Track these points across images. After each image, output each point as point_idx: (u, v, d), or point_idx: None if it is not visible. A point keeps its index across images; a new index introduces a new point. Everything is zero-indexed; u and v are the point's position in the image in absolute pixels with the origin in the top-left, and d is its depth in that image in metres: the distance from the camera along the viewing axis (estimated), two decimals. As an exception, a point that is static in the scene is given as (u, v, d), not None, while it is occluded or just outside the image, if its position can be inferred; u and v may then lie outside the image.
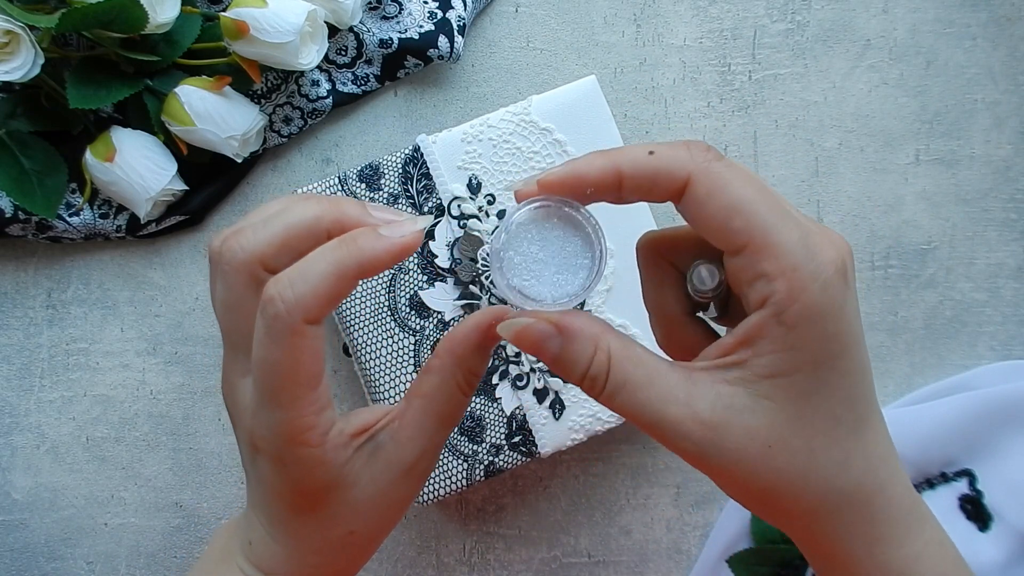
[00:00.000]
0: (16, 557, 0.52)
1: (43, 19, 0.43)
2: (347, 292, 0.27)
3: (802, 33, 0.54)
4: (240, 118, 0.47)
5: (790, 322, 0.25)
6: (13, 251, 0.52)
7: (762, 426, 0.26)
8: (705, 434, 0.26)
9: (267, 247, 0.28)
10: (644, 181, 0.26)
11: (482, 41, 0.54)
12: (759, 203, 0.25)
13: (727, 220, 0.25)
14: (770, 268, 0.25)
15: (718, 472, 0.27)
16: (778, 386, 0.26)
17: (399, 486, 0.31)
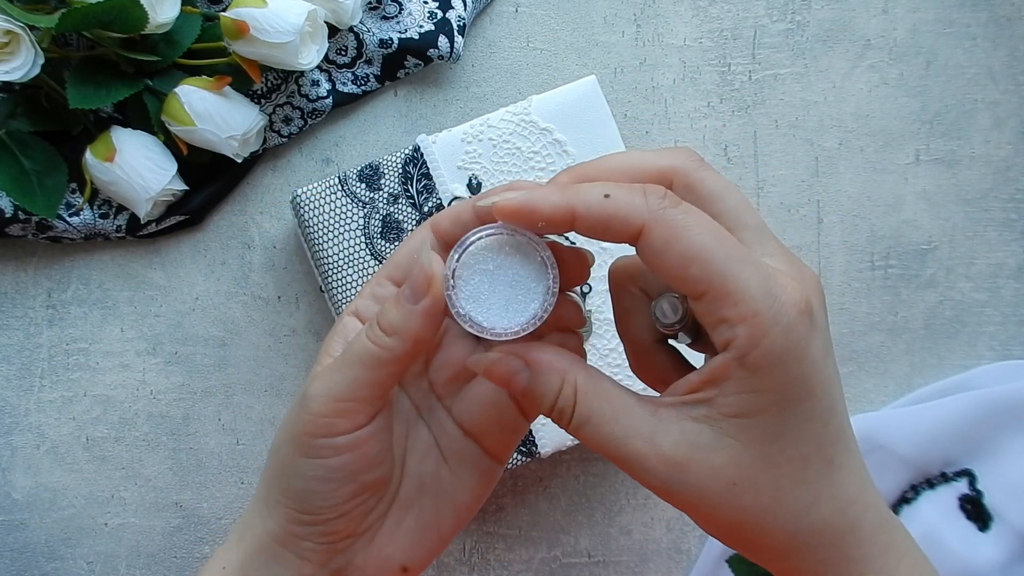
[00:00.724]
0: (16, 557, 0.52)
1: (43, 19, 0.43)
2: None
3: (802, 33, 0.54)
4: (240, 118, 0.47)
5: (752, 366, 0.25)
6: (13, 251, 0.52)
7: (727, 464, 0.26)
8: (668, 470, 0.26)
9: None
10: (598, 224, 0.26)
11: (482, 41, 0.54)
12: (716, 249, 0.25)
13: (684, 268, 0.25)
14: (730, 314, 0.25)
15: (684, 507, 0.27)
16: (743, 426, 0.26)
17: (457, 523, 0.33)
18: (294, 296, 0.53)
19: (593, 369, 0.28)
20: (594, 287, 0.47)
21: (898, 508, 0.51)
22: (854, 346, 0.53)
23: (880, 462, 0.51)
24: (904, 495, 0.51)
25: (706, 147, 0.54)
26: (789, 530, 0.27)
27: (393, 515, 0.32)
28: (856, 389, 0.53)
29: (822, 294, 0.27)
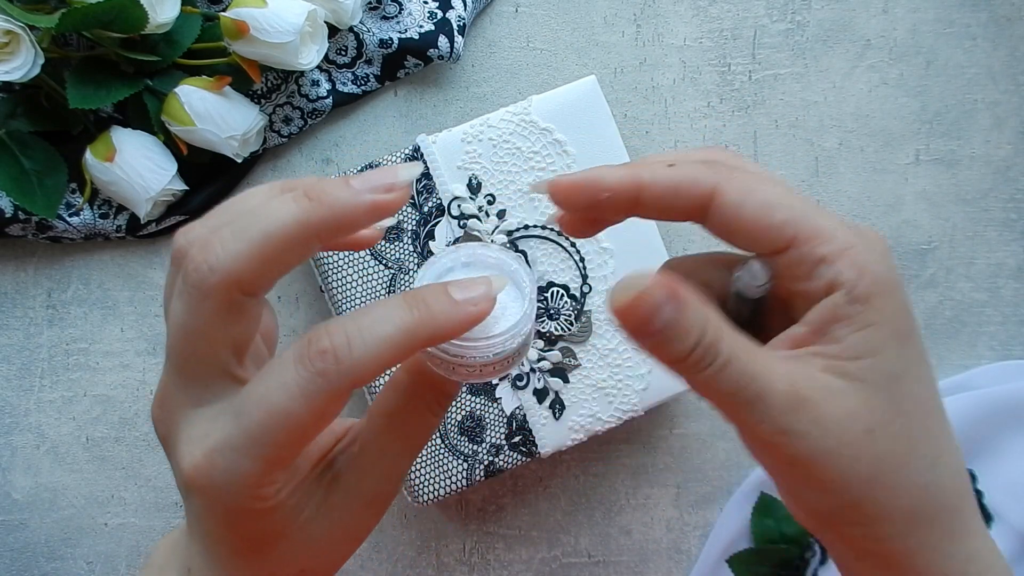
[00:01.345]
0: (16, 557, 0.52)
1: (43, 19, 0.43)
2: (404, 359, 0.24)
3: (802, 33, 0.54)
4: (240, 118, 0.47)
5: (863, 297, 0.24)
6: (13, 251, 0.52)
7: (861, 409, 0.24)
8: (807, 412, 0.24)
9: (244, 266, 0.23)
10: (667, 193, 0.25)
11: (482, 41, 0.54)
12: (791, 197, 0.25)
13: (768, 216, 0.24)
14: (828, 251, 0.24)
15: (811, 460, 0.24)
16: (867, 367, 0.24)
17: (358, 519, 0.27)
18: (294, 296, 0.53)
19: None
20: (594, 287, 0.48)
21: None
22: (854, 346, 0.53)
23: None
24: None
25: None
26: (920, 486, 0.24)
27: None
28: (856, 389, 0.53)
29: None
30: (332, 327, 0.23)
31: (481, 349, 0.25)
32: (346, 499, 0.27)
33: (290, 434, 0.23)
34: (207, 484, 0.24)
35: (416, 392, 0.27)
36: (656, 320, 0.23)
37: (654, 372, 0.47)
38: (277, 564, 0.27)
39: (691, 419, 0.53)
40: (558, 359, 0.47)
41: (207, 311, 0.24)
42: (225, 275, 0.23)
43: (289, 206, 0.23)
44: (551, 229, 0.48)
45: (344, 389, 0.23)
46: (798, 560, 0.51)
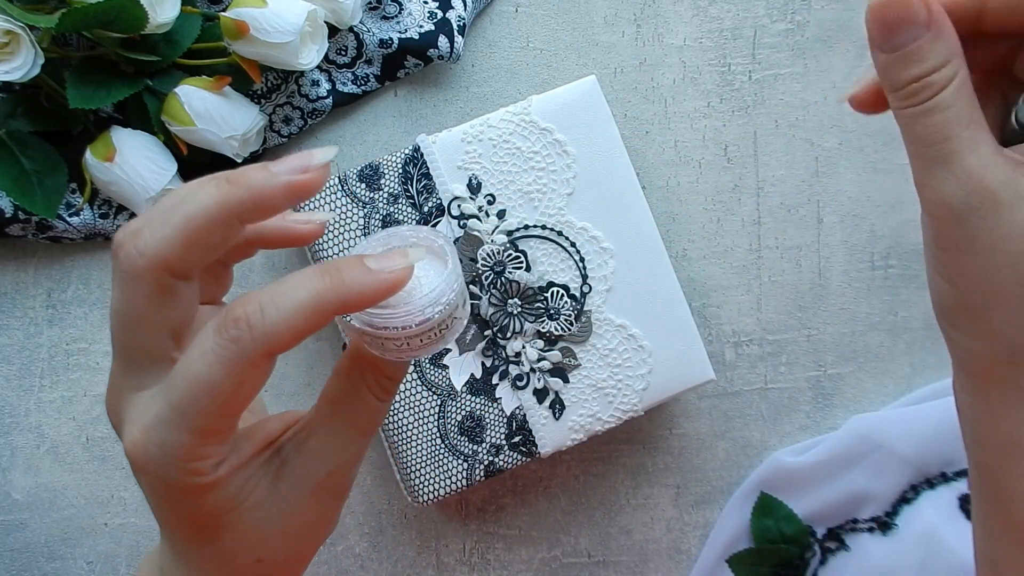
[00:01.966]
0: (16, 557, 0.52)
1: (43, 19, 0.43)
2: (321, 327, 0.24)
3: (802, 33, 0.54)
4: (240, 118, 0.47)
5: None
6: (13, 251, 0.52)
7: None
8: (982, 200, 0.24)
9: (170, 249, 0.24)
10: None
11: (482, 41, 0.54)
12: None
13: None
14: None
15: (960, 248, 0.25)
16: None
17: (311, 506, 0.27)
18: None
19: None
20: (594, 287, 0.48)
21: (898, 508, 0.51)
22: (854, 346, 0.53)
23: (880, 462, 0.51)
24: (904, 495, 0.51)
25: (706, 147, 0.54)
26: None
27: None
28: (856, 389, 0.53)
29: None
30: (247, 297, 0.24)
31: (401, 317, 0.26)
32: (294, 485, 0.27)
33: (213, 402, 0.24)
34: (145, 460, 0.25)
35: (357, 375, 0.27)
36: (903, 35, 0.24)
37: (654, 372, 0.47)
38: (232, 553, 0.27)
39: (691, 419, 0.53)
40: (558, 359, 0.47)
41: (140, 295, 0.25)
42: (152, 258, 0.24)
43: (209, 190, 0.25)
44: (551, 230, 0.48)
45: (260, 355, 0.23)
46: (798, 560, 0.51)
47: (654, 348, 0.47)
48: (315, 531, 0.29)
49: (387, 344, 0.26)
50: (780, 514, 0.51)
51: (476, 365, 0.48)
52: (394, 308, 0.26)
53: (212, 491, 0.25)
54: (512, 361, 0.47)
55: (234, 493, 0.26)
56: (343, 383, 0.28)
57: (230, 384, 0.23)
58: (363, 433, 0.28)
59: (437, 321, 0.26)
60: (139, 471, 0.25)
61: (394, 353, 0.27)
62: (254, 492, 0.27)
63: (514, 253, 0.47)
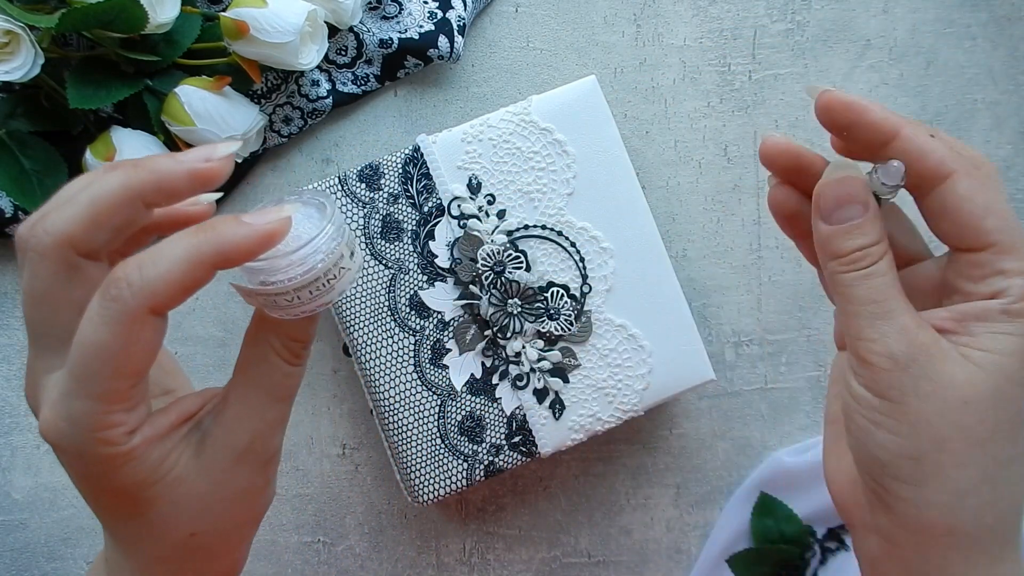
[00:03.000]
0: (16, 557, 0.52)
1: (43, 19, 0.43)
2: (202, 283, 0.25)
3: (802, 33, 0.54)
4: (240, 118, 0.47)
5: (1016, 313, 0.27)
6: (13, 251, 0.52)
7: (967, 383, 0.26)
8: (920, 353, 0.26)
9: (75, 227, 0.25)
10: (915, 152, 0.27)
11: (482, 41, 0.54)
12: (1007, 210, 0.27)
13: (982, 218, 0.27)
14: (1010, 266, 0.27)
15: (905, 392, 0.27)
16: (989, 360, 0.26)
17: (237, 474, 0.28)
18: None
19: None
20: (594, 287, 0.48)
21: (898, 508, 0.51)
22: (854, 346, 0.53)
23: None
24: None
25: (706, 147, 0.54)
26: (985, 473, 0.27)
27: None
28: (856, 389, 0.53)
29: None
30: (126, 260, 0.25)
31: (284, 268, 0.26)
32: (216, 455, 0.27)
33: (106, 364, 0.24)
34: (57, 437, 0.25)
35: (263, 340, 0.28)
36: (845, 212, 0.28)
37: (654, 372, 0.47)
38: (162, 527, 0.27)
39: (691, 419, 0.53)
40: (558, 359, 0.47)
41: (47, 273, 0.25)
42: (59, 236, 0.25)
43: (116, 173, 0.26)
44: (551, 230, 0.48)
45: (143, 311, 0.24)
46: (798, 560, 0.51)
47: (654, 348, 0.47)
48: (248, 502, 0.29)
49: (279, 301, 0.27)
50: (780, 514, 0.51)
51: (476, 365, 0.48)
52: (274, 260, 0.26)
53: (128, 462, 0.26)
54: (512, 361, 0.47)
55: (153, 466, 0.26)
56: (251, 350, 0.28)
57: (119, 343, 0.24)
58: (278, 399, 0.28)
59: (322, 270, 0.26)
60: (56, 449, 0.26)
61: (288, 309, 0.27)
62: (176, 465, 0.27)
63: (514, 253, 0.47)
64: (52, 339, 0.26)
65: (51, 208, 0.26)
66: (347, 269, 0.28)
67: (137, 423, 0.26)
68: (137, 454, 0.26)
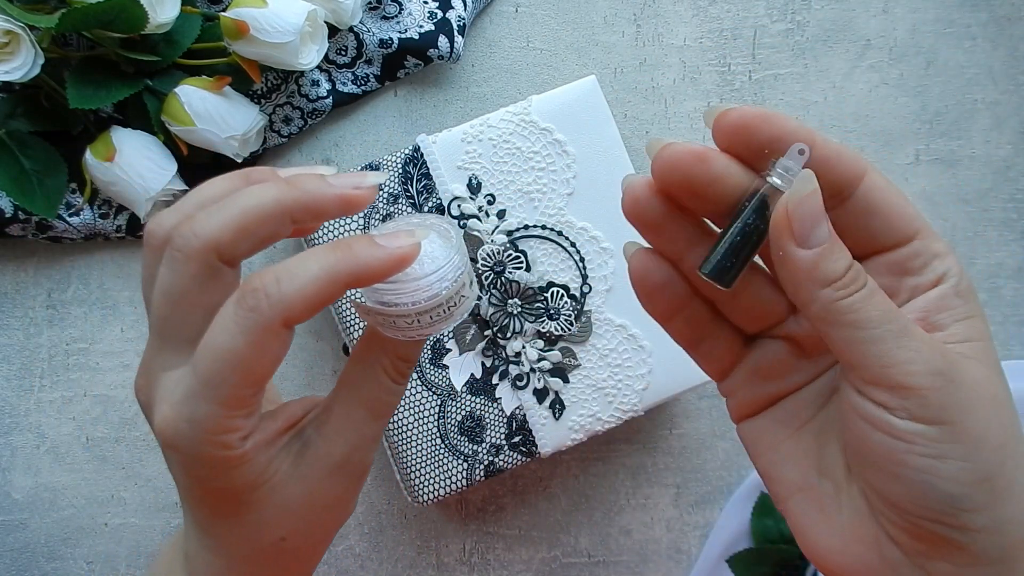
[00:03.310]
0: (16, 557, 0.52)
1: (43, 19, 0.43)
2: (332, 300, 0.25)
3: (802, 33, 0.54)
4: (240, 118, 0.47)
5: (964, 292, 0.25)
6: (13, 251, 0.52)
7: (985, 378, 0.24)
8: (945, 363, 0.24)
9: (225, 234, 0.26)
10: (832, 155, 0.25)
11: (482, 41, 0.54)
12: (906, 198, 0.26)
13: (903, 208, 0.26)
14: (941, 247, 0.26)
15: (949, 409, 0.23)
16: (977, 349, 0.25)
17: (331, 485, 0.29)
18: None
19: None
20: (594, 287, 0.48)
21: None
22: (854, 346, 0.53)
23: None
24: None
25: (706, 147, 0.54)
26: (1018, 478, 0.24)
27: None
28: (856, 389, 0.53)
29: None
30: (264, 270, 0.25)
31: (411, 292, 0.27)
32: (315, 464, 0.28)
33: (235, 371, 0.25)
34: (174, 435, 0.26)
35: (372, 358, 0.29)
36: (822, 230, 0.24)
37: (654, 372, 0.47)
38: (257, 529, 0.28)
39: (691, 419, 0.53)
40: (558, 359, 0.47)
41: (188, 273, 0.26)
42: (206, 240, 0.26)
43: (270, 187, 0.26)
44: (551, 230, 0.48)
45: (276, 323, 0.25)
46: (798, 560, 0.51)
47: (654, 348, 0.47)
48: (334, 512, 0.30)
49: (399, 322, 0.27)
50: (780, 514, 0.51)
51: (476, 365, 0.48)
52: (403, 284, 0.27)
53: (240, 465, 0.26)
54: (512, 361, 0.47)
55: (260, 470, 0.27)
56: (359, 367, 0.29)
57: (251, 352, 0.25)
58: (378, 415, 0.29)
59: (445, 297, 0.27)
60: (169, 448, 0.26)
61: (406, 331, 0.28)
62: (278, 471, 0.28)
63: (514, 253, 0.47)
64: (178, 339, 0.27)
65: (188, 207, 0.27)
66: (466, 298, 0.28)
67: (251, 429, 0.27)
68: (248, 458, 0.27)
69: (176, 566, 0.30)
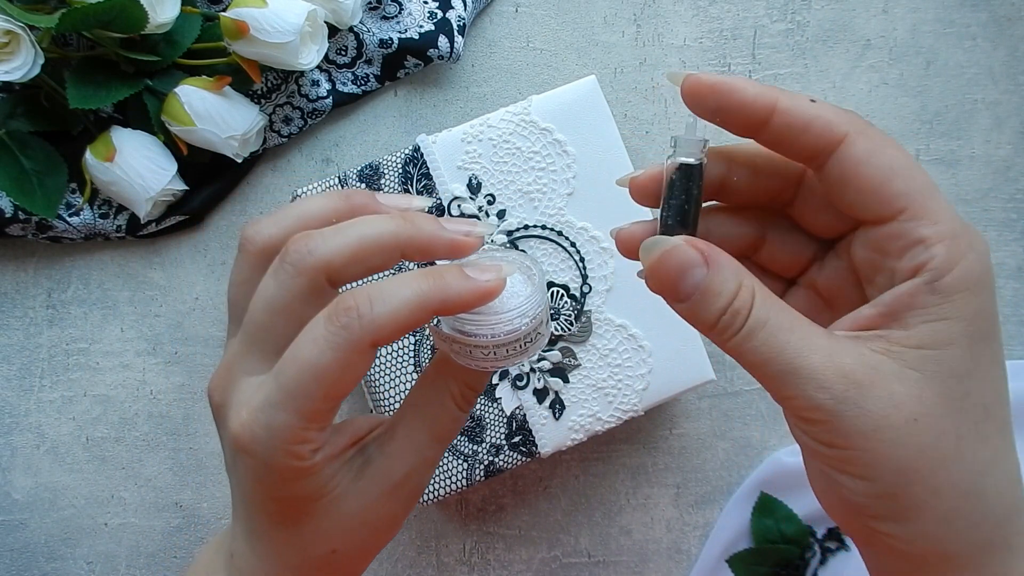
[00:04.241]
0: (16, 557, 0.52)
1: (43, 19, 0.43)
2: (420, 325, 0.26)
3: (802, 33, 0.54)
4: (240, 118, 0.47)
5: (946, 290, 0.23)
6: (13, 251, 0.52)
7: (910, 396, 0.23)
8: (847, 389, 0.23)
9: (339, 258, 0.26)
10: (798, 123, 0.25)
11: (482, 41, 0.54)
12: (916, 169, 0.24)
13: (887, 181, 0.24)
14: (929, 232, 0.24)
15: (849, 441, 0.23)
16: (928, 358, 0.23)
17: (387, 503, 0.29)
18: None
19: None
20: (594, 287, 0.48)
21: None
22: (854, 346, 0.53)
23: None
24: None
25: (706, 147, 0.54)
26: (965, 489, 0.23)
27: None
28: (856, 389, 0.53)
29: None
30: (357, 290, 0.26)
31: (492, 325, 0.28)
32: (374, 481, 0.29)
33: (320, 386, 0.25)
34: (250, 440, 0.26)
35: (442, 384, 0.29)
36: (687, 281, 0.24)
37: (654, 372, 0.47)
38: (311, 540, 0.29)
39: (691, 419, 0.53)
40: (558, 359, 0.47)
41: (296, 287, 0.27)
42: (320, 259, 0.26)
43: (386, 220, 0.27)
44: (551, 230, 0.48)
45: (366, 343, 0.25)
46: (798, 560, 0.51)
47: (654, 348, 0.47)
48: (385, 530, 0.30)
49: (475, 352, 0.28)
50: (780, 514, 0.51)
51: (476, 365, 0.48)
52: (485, 316, 0.28)
53: (307, 476, 0.27)
54: (512, 361, 0.47)
55: (324, 482, 0.28)
56: (427, 391, 0.30)
57: (337, 368, 0.25)
58: (440, 440, 0.30)
59: (523, 333, 0.28)
60: (243, 452, 0.27)
61: (480, 362, 0.28)
62: (339, 485, 0.28)
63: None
64: (268, 347, 0.27)
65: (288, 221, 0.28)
66: (542, 336, 0.29)
67: (322, 442, 0.27)
68: (317, 470, 0.27)
69: (218, 565, 0.31)
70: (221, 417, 0.29)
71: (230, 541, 0.31)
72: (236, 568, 0.30)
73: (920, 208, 0.24)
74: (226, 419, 0.28)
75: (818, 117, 0.25)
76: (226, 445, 0.29)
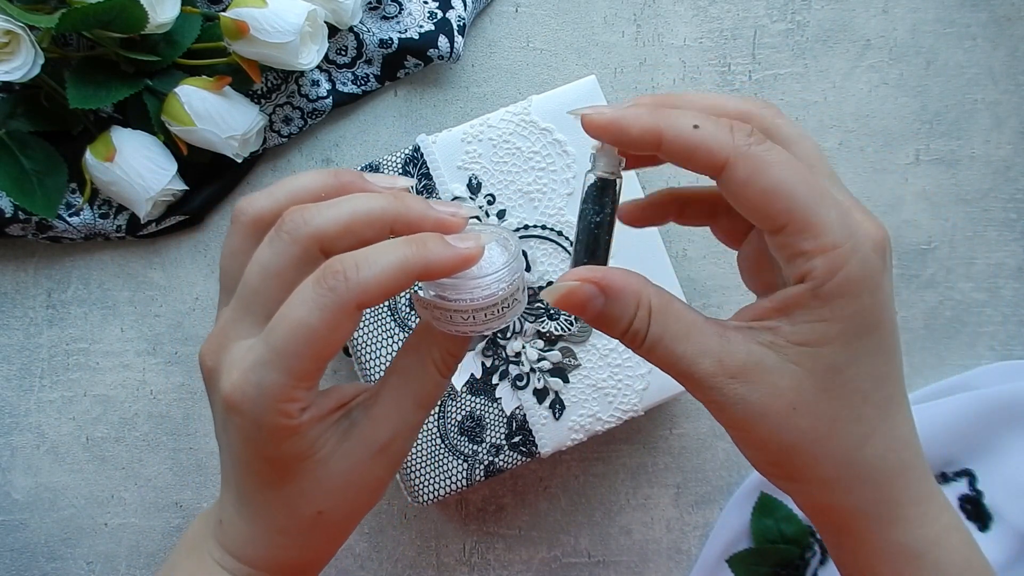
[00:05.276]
0: (16, 557, 0.52)
1: (43, 19, 0.43)
2: (402, 289, 0.27)
3: (802, 33, 0.54)
4: (240, 118, 0.47)
5: (826, 296, 0.26)
6: (13, 251, 0.52)
7: (788, 388, 0.27)
8: (733, 387, 0.27)
9: (332, 228, 0.28)
10: (682, 152, 0.27)
11: (482, 41, 0.54)
12: (798, 184, 0.26)
13: (767, 202, 0.26)
14: (809, 246, 0.26)
15: (740, 425, 0.28)
16: (807, 354, 0.27)
17: (372, 466, 0.30)
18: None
19: (661, 289, 0.29)
20: (594, 287, 0.47)
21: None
22: (854, 346, 0.53)
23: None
24: (904, 495, 0.51)
25: (706, 147, 0.54)
26: (840, 460, 0.28)
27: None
28: (856, 389, 0.53)
29: (890, 241, 0.28)
30: (344, 256, 0.27)
31: (471, 289, 0.29)
32: (360, 443, 0.30)
33: (309, 345, 0.27)
34: (241, 399, 0.28)
35: (424, 350, 0.31)
36: (590, 312, 0.28)
37: (654, 372, 0.47)
38: (297, 500, 0.30)
39: (691, 419, 0.53)
40: (558, 359, 0.47)
41: (290, 254, 0.28)
42: (316, 229, 0.28)
43: (379, 197, 0.29)
44: (551, 229, 0.48)
45: (352, 305, 0.27)
46: (798, 560, 0.51)
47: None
48: (370, 492, 0.31)
49: (455, 317, 0.29)
50: (780, 514, 0.51)
51: (476, 365, 0.48)
52: (465, 281, 0.29)
53: (293, 435, 0.28)
54: (512, 361, 0.47)
55: (311, 442, 0.29)
56: (410, 357, 0.31)
57: (325, 329, 0.26)
58: (423, 405, 0.31)
59: (500, 298, 0.29)
60: (233, 411, 0.28)
61: (460, 327, 0.30)
62: (325, 446, 0.29)
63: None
64: (260, 312, 0.29)
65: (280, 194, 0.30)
66: (519, 302, 0.30)
67: (309, 402, 0.29)
68: (303, 429, 0.28)
69: (207, 532, 0.32)
70: (212, 381, 0.30)
71: (219, 510, 0.32)
72: (224, 533, 0.31)
73: (801, 223, 0.26)
74: (218, 382, 0.29)
75: (699, 146, 0.27)
76: (216, 409, 0.30)
